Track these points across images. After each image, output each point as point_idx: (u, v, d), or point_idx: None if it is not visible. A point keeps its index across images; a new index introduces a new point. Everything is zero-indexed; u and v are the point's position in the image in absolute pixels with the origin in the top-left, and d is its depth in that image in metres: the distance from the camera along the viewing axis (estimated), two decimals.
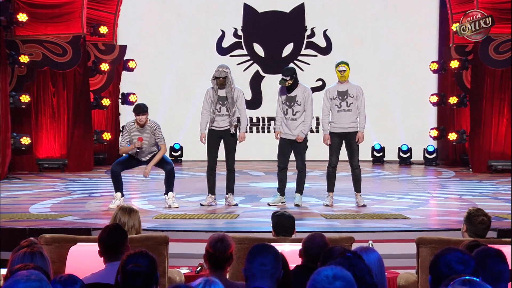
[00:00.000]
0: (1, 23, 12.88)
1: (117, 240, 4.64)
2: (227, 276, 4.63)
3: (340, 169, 10.15)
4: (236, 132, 9.69)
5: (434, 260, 3.45)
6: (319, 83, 15.72)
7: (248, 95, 15.90)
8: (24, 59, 13.42)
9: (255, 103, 16.03)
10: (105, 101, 14.81)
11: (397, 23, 15.79)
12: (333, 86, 9.84)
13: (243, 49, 16.17)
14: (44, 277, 3.04)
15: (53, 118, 14.13)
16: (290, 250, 5.08)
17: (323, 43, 16.07)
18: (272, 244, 3.85)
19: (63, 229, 7.75)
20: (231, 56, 16.00)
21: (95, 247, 4.71)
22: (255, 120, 16.09)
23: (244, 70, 16.04)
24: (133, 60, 15.48)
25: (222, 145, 9.75)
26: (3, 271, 4.21)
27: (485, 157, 13.84)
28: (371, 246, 4.24)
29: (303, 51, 16.10)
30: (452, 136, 14.55)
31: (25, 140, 13.60)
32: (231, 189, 9.85)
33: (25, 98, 13.42)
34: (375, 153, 15.71)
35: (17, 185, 12.28)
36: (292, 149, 9.78)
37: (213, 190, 9.80)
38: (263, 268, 3.62)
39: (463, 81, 14.57)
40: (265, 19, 16.11)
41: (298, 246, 4.78)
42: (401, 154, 15.64)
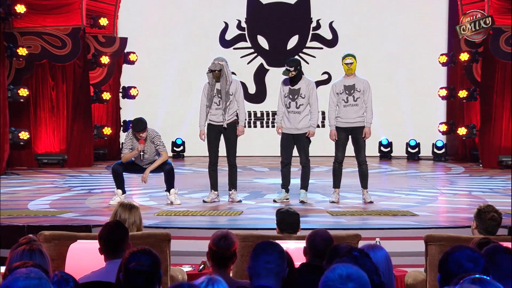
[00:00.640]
0: None
1: (118, 237, 4.60)
2: (231, 274, 4.56)
3: (347, 165, 10.13)
4: (235, 125, 9.50)
5: (443, 258, 3.45)
6: (325, 76, 15.62)
7: (252, 89, 15.73)
8: (22, 51, 13.34)
9: (259, 97, 15.86)
10: (105, 95, 14.69)
11: (405, 14, 15.70)
12: (339, 81, 9.75)
13: (247, 41, 15.99)
14: (44, 275, 3.01)
15: (52, 112, 14.03)
16: (295, 248, 5.04)
17: (329, 35, 15.88)
18: (277, 242, 3.82)
19: (63, 226, 7.72)
20: (234, 48, 15.84)
21: (95, 244, 4.70)
22: (259, 115, 15.91)
23: (248, 63, 15.91)
24: (134, 53, 15.40)
25: (222, 140, 9.62)
26: (1, 269, 4.19)
27: (496, 152, 13.75)
28: (378, 244, 4.24)
29: (308, 44, 15.97)
30: (462, 131, 14.44)
31: (24, 135, 13.52)
32: (234, 185, 9.75)
33: (23, 92, 13.36)
34: (382, 148, 15.61)
35: (16, 181, 12.20)
36: (295, 144, 9.64)
37: (215, 186, 9.71)
38: (268, 266, 3.61)
39: (473, 74, 14.45)
40: (269, 11, 15.95)
41: (303, 244, 4.77)
42: (409, 149, 15.55)
